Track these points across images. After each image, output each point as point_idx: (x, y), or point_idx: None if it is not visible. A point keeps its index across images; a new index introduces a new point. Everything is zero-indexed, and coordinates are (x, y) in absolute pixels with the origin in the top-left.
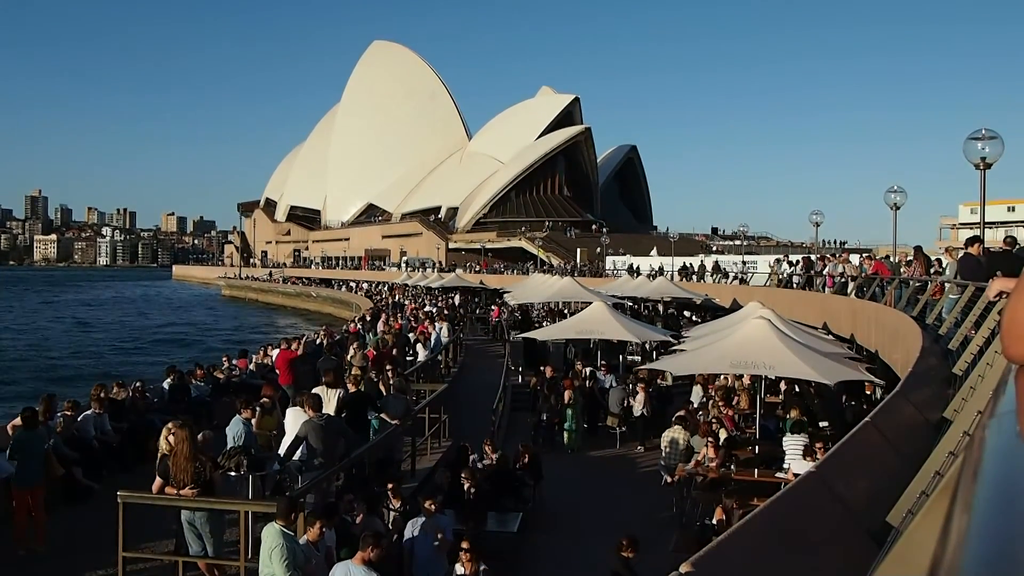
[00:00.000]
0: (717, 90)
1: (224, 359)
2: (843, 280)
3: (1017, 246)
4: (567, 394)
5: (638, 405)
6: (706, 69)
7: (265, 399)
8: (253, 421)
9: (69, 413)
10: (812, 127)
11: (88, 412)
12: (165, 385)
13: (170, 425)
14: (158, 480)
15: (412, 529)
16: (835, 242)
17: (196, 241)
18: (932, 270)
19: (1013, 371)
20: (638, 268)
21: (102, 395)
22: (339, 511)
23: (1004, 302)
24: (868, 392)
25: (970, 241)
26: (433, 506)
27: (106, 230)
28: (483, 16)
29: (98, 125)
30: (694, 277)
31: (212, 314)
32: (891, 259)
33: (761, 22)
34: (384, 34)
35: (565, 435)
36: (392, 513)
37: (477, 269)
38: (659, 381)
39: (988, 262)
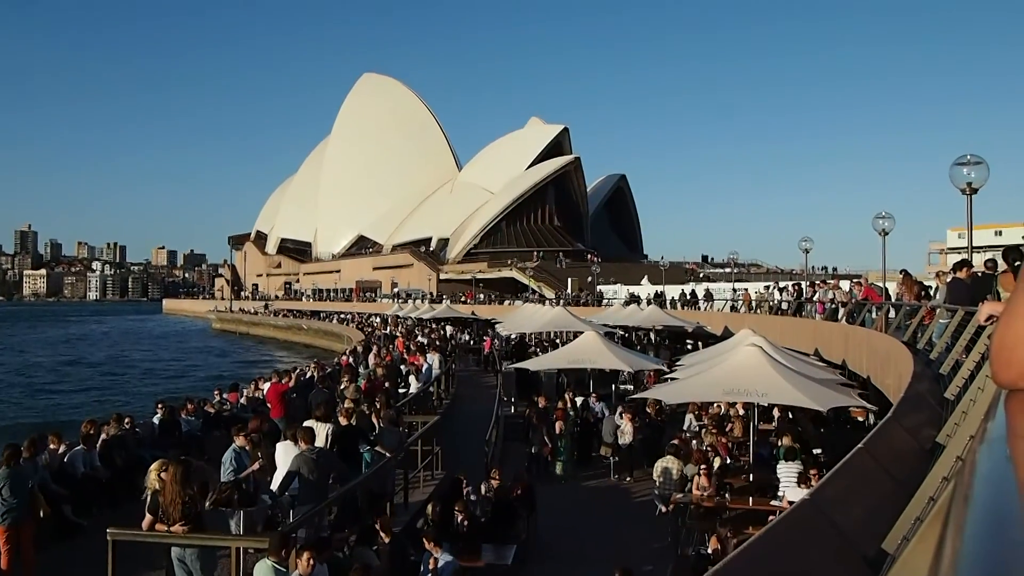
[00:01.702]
0: (705, 118)
1: (215, 392)
2: (834, 306)
3: (999, 269)
4: (558, 424)
5: (625, 435)
6: (694, 98)
7: (252, 433)
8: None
9: (55, 448)
10: (800, 154)
11: (77, 448)
12: (155, 420)
13: (160, 461)
14: (148, 517)
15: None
16: (825, 268)
17: (187, 274)
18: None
19: (1003, 396)
20: (637, 296)
21: (91, 431)
22: (331, 545)
23: (993, 327)
24: (861, 418)
25: (958, 265)
26: (436, 547)
27: (96, 264)
28: (472, 47)
29: (88, 159)
30: (701, 305)
31: (202, 347)
32: (881, 284)
33: (748, 50)
34: (374, 66)
35: (558, 465)
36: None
37: (463, 299)
38: (648, 410)
39: (973, 286)
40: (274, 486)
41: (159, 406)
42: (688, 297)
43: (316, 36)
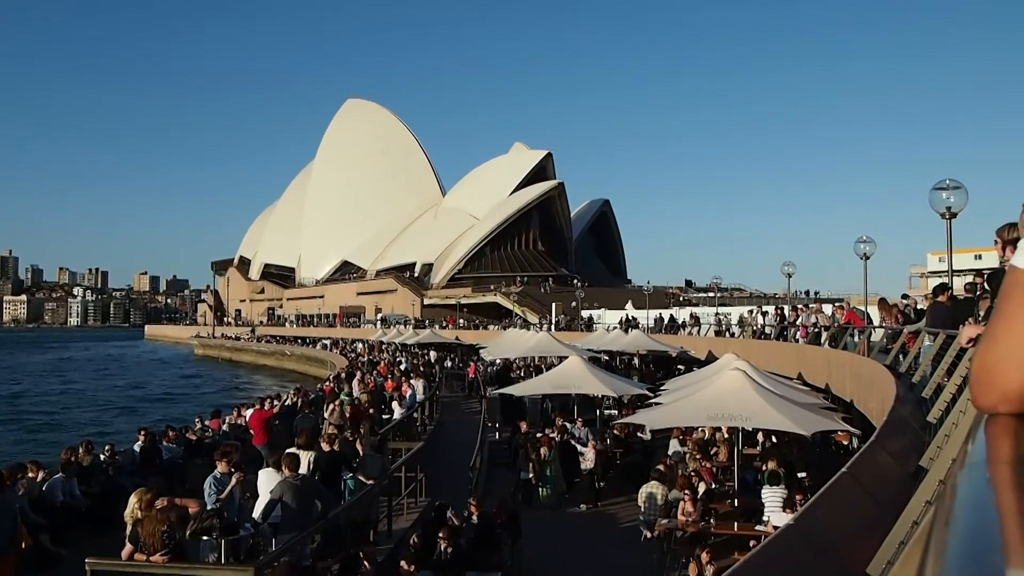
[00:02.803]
0: (688, 143)
1: (197, 420)
2: (816, 330)
3: (981, 293)
4: (543, 450)
5: (587, 461)
6: (677, 123)
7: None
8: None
9: (34, 476)
10: (783, 178)
11: (56, 476)
12: (136, 447)
13: (140, 490)
14: (128, 547)
15: None
16: (807, 292)
17: (169, 300)
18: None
19: (983, 420)
20: (635, 320)
21: (71, 458)
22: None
23: (974, 349)
24: (845, 442)
25: (939, 289)
26: (412, 567)
27: (77, 290)
28: (456, 72)
29: (69, 185)
30: (694, 329)
31: (184, 374)
32: (863, 308)
33: (730, 75)
34: (358, 91)
35: (542, 492)
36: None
37: (444, 325)
38: (617, 433)
39: (954, 309)
40: (256, 513)
41: (140, 433)
42: (666, 322)
43: (300, 61)
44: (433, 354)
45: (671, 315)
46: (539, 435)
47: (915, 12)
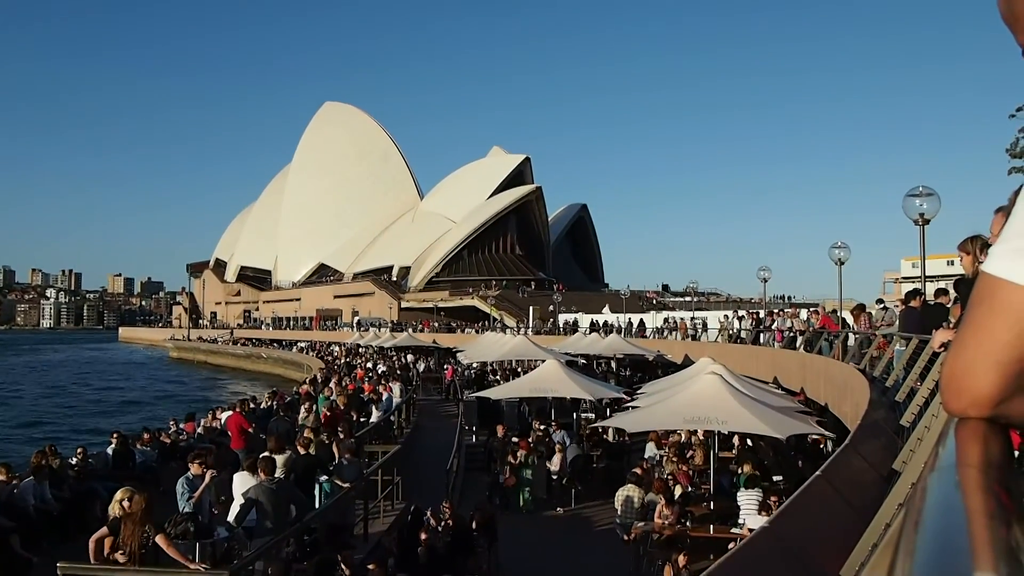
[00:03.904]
0: (666, 149)
1: (171, 422)
2: (792, 334)
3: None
4: (522, 454)
5: (554, 466)
6: (654, 129)
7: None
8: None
9: (4, 480)
10: (759, 184)
11: (27, 480)
12: (109, 451)
13: (125, 490)
14: (104, 529)
15: None
16: (783, 297)
17: (144, 303)
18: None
19: (954, 424)
20: (609, 324)
21: (43, 462)
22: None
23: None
24: (820, 445)
25: (911, 295)
26: (379, 570)
27: (50, 292)
28: (434, 76)
29: (42, 186)
30: (676, 334)
31: (158, 377)
32: (837, 313)
33: (705, 80)
34: (335, 95)
35: (520, 495)
36: None
37: (420, 328)
38: (604, 436)
39: (923, 314)
40: (231, 517)
41: (113, 436)
42: (635, 327)
43: (277, 64)
44: (410, 357)
45: (640, 320)
46: (515, 439)
47: (892, 18)
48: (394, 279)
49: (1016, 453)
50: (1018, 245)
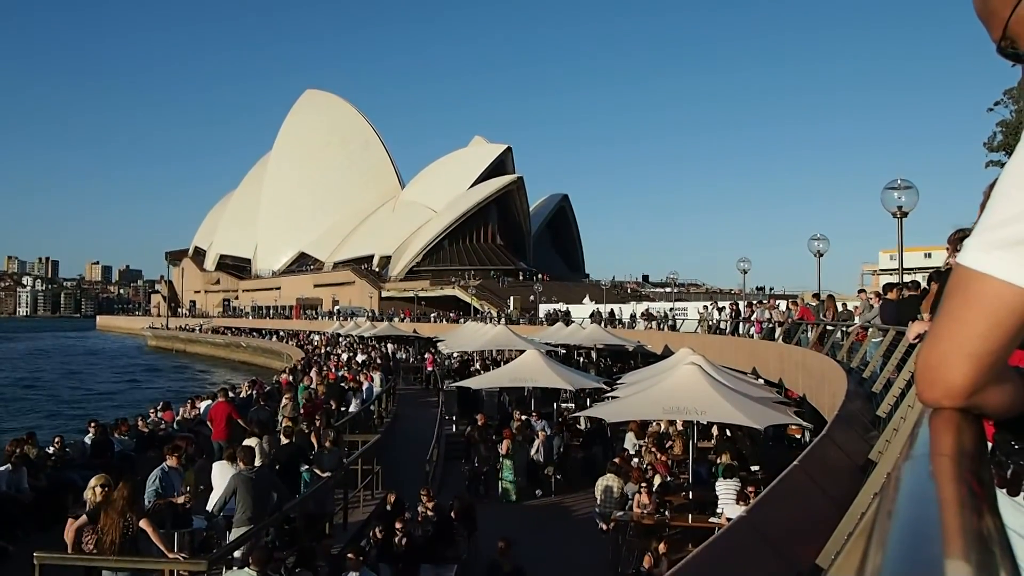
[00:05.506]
0: (648, 140)
1: (149, 411)
2: (770, 325)
3: (921, 288)
4: (505, 444)
5: (535, 452)
6: (636, 119)
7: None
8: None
9: None
10: (738, 175)
11: (2, 468)
12: (86, 440)
13: (100, 476)
14: (84, 518)
15: None
16: (762, 288)
17: (122, 291)
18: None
19: (927, 414)
20: (611, 313)
21: (18, 450)
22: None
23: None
24: (797, 435)
25: (888, 287)
26: (360, 559)
27: (27, 279)
28: (416, 65)
29: (19, 172)
30: (654, 323)
31: (136, 366)
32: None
33: (686, 73)
34: (317, 83)
35: (501, 485)
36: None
37: (401, 318)
38: (577, 426)
39: (899, 306)
40: (210, 506)
41: (91, 425)
42: (607, 318)
43: (258, 52)
44: (391, 346)
45: (610, 311)
46: (495, 432)
47: (871, 13)
48: (375, 268)
49: (989, 443)
50: (990, 238)
